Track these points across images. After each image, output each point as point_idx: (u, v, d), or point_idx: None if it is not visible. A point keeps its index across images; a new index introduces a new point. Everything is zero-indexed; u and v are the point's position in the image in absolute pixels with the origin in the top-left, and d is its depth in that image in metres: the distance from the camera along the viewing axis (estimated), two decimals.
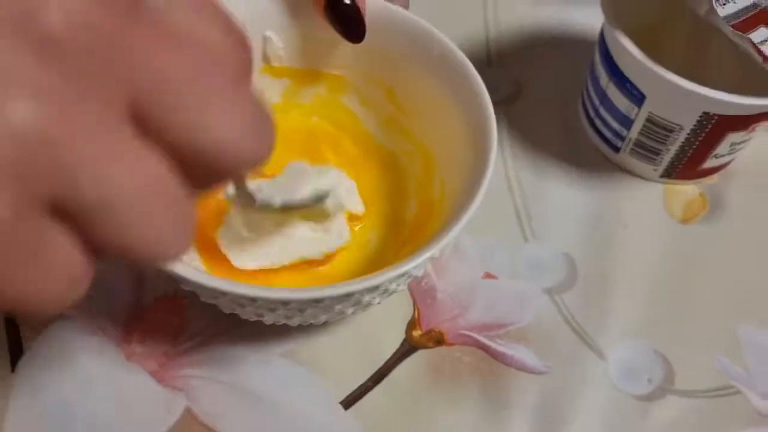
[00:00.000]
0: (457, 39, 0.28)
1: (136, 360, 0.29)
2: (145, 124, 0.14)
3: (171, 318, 0.30)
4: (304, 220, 0.29)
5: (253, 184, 0.26)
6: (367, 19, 0.29)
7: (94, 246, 0.14)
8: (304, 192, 0.27)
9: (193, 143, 0.15)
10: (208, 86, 0.15)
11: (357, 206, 0.31)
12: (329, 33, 0.30)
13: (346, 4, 0.28)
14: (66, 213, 0.14)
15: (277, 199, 0.26)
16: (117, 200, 0.14)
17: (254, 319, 0.27)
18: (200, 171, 0.15)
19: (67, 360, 0.29)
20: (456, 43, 0.30)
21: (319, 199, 0.27)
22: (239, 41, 0.16)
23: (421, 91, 0.31)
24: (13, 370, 0.29)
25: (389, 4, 0.30)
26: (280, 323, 0.28)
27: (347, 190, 0.31)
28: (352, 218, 0.31)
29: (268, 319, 0.27)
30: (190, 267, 0.24)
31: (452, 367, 0.30)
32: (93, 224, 0.14)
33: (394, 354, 0.30)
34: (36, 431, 0.27)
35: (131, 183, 0.14)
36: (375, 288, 0.26)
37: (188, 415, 0.28)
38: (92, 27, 0.13)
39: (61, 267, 0.14)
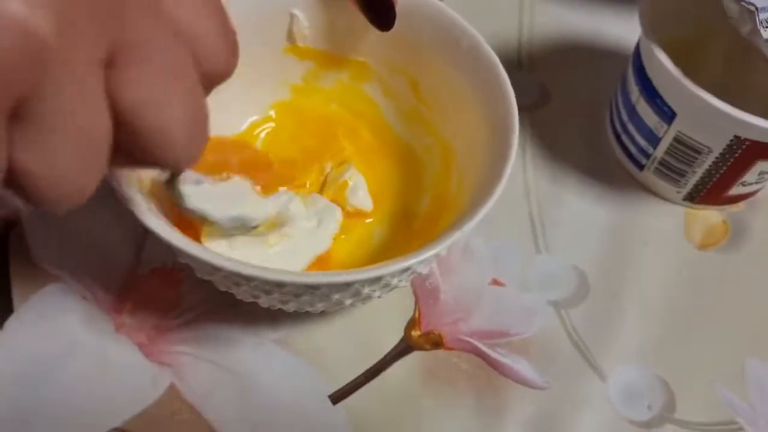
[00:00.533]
0: (490, 37, 0.28)
1: (126, 332, 0.29)
2: (108, 73, 0.15)
3: (165, 291, 0.30)
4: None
5: (197, 184, 0.24)
6: (398, 7, 0.28)
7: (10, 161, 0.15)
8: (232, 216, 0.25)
9: (139, 119, 0.16)
10: (171, 76, 0.16)
11: (365, 202, 0.30)
12: (357, 18, 0.29)
13: None
14: (12, 117, 0.14)
15: (212, 211, 0.24)
16: (58, 128, 0.15)
17: (249, 300, 0.26)
18: (131, 143, 0.16)
19: (56, 324, 0.28)
20: (487, 41, 0.29)
21: (240, 225, 0.25)
22: (230, 37, 0.18)
23: (446, 84, 0.30)
24: (1, 329, 0.28)
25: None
26: (276, 308, 0.27)
27: (354, 185, 0.30)
28: (359, 214, 0.30)
29: (264, 301, 0.26)
30: (187, 238, 0.23)
31: (448, 372, 0.29)
32: (23, 136, 0.15)
33: (390, 352, 0.30)
34: (17, 390, 0.27)
35: (80, 120, 0.15)
36: (376, 280, 0.25)
37: (172, 392, 0.27)
38: None
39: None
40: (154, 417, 0.27)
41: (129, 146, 0.17)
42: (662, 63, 0.30)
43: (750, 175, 0.32)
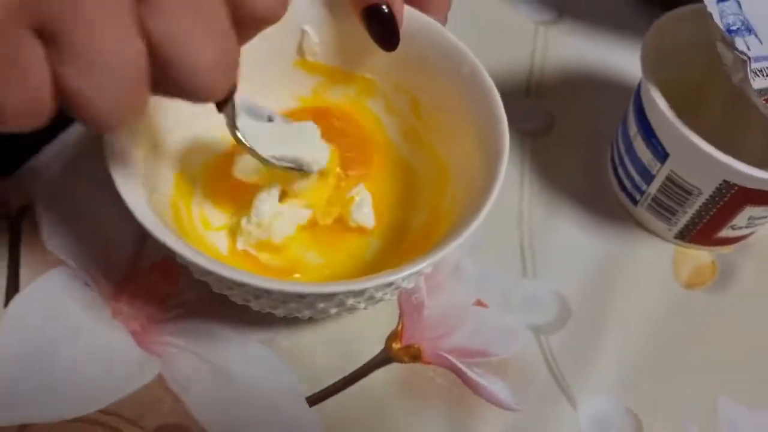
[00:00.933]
0: (501, 62, 0.28)
1: (122, 319, 0.30)
2: (142, 13, 0.17)
3: (163, 284, 0.31)
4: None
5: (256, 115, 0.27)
6: (402, 30, 0.29)
7: (59, 84, 0.17)
8: (288, 156, 0.28)
9: (169, 53, 0.18)
10: (201, 14, 0.18)
11: (367, 220, 0.31)
12: (364, 36, 0.30)
13: (384, 13, 0.29)
14: (52, 41, 0.16)
15: (261, 149, 0.27)
16: (95, 53, 0.17)
17: (241, 303, 0.28)
18: (162, 72, 0.18)
19: (57, 306, 0.30)
20: (499, 65, 0.29)
21: (299, 170, 0.29)
22: None
23: (445, 107, 0.31)
24: (5, 306, 0.30)
25: (428, 17, 0.31)
26: (266, 311, 0.28)
27: (360, 201, 0.31)
28: (360, 230, 0.31)
29: (254, 305, 0.28)
30: (183, 242, 0.25)
31: (423, 386, 0.30)
32: (65, 60, 0.16)
33: (370, 361, 0.31)
34: (15, 367, 0.28)
35: (115, 46, 0.17)
36: (360, 292, 0.26)
37: (159, 380, 0.29)
38: None
39: (31, 81, 0.16)
40: (139, 402, 0.28)
41: (161, 76, 0.18)
42: (658, 104, 0.30)
43: (739, 219, 0.32)
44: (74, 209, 0.33)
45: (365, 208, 0.31)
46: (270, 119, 0.28)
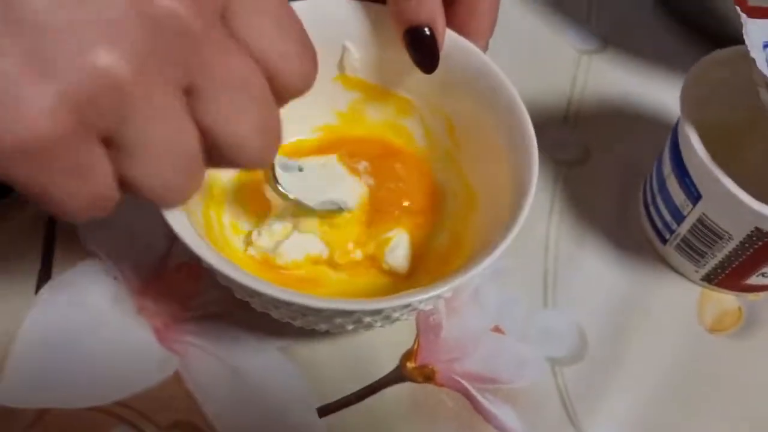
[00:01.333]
0: (541, 89, 0.28)
1: (146, 315, 0.31)
2: (190, 104, 0.19)
3: (188, 284, 0.32)
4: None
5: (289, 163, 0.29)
6: (442, 53, 0.30)
7: (122, 178, 0.19)
8: (324, 200, 0.28)
9: (218, 136, 0.20)
10: (242, 97, 0.19)
11: (401, 263, 0.31)
12: (405, 56, 0.30)
13: (426, 35, 0.29)
14: (113, 144, 0.18)
15: (296, 195, 0.29)
16: (152, 148, 0.18)
17: (261, 310, 0.28)
18: (216, 154, 0.20)
19: (85, 297, 0.31)
20: (538, 93, 0.30)
21: (335, 210, 0.29)
22: (307, 56, 0.21)
23: (479, 132, 0.31)
24: (36, 293, 0.31)
25: (471, 45, 0.31)
26: (285, 321, 0.29)
27: (395, 244, 0.31)
28: (391, 273, 0.31)
29: (274, 314, 0.28)
30: (209, 248, 0.25)
31: (433, 407, 0.30)
32: (126, 158, 0.18)
33: (383, 378, 0.31)
34: (40, 353, 0.29)
35: (169, 140, 0.18)
36: (377, 312, 0.27)
37: (176, 378, 0.30)
38: (182, 18, 0.18)
39: (97, 183, 0.18)
40: (154, 398, 0.29)
41: (213, 153, 0.20)
42: (693, 144, 0.30)
43: None
44: None
45: (399, 251, 0.31)
46: (300, 169, 0.30)
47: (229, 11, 0.19)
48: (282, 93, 0.21)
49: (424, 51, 0.29)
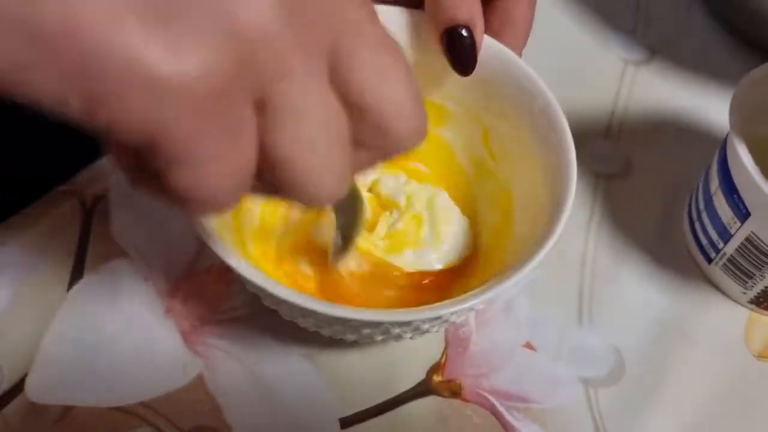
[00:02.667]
0: (583, 99, 0.27)
1: (174, 316, 0.31)
2: (334, 76, 0.17)
3: (217, 286, 0.32)
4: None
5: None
6: (479, 58, 0.29)
7: (269, 153, 0.16)
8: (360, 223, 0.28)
9: (371, 94, 0.17)
10: (390, 54, 0.18)
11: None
12: (439, 61, 0.30)
13: (464, 36, 0.28)
14: (263, 110, 0.16)
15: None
16: (304, 117, 0.16)
17: (289, 318, 0.28)
18: (367, 133, 0.17)
19: (115, 296, 0.31)
20: (580, 102, 0.29)
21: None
22: (421, 115, 0.19)
23: (515, 140, 0.31)
24: (68, 290, 0.31)
25: (509, 51, 0.30)
26: (312, 330, 0.28)
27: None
28: (426, 286, 0.31)
29: (301, 322, 0.28)
30: (237, 256, 0.25)
31: (459, 424, 0.29)
32: (277, 127, 0.16)
33: (408, 391, 0.30)
34: (68, 350, 0.30)
35: (320, 109, 0.16)
36: (406, 323, 0.26)
37: (199, 381, 0.29)
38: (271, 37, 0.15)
39: (241, 152, 0.16)
40: (178, 401, 0.29)
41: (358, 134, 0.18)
42: (743, 159, 0.29)
43: None
44: (145, 204, 0.34)
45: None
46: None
47: (344, 50, 0.17)
48: (383, 149, 0.19)
49: (462, 52, 0.29)
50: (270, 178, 0.17)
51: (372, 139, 0.18)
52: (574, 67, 0.41)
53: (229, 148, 0.15)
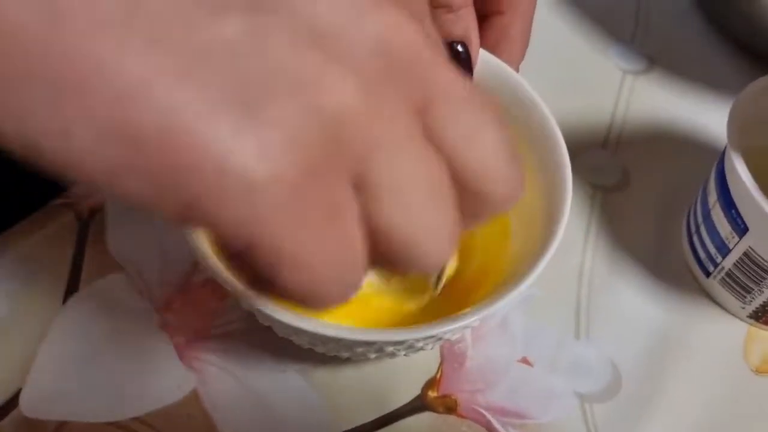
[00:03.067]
0: (580, 110, 0.27)
1: (168, 330, 0.31)
2: (428, 132, 0.15)
3: (212, 301, 0.32)
4: None
5: None
6: (478, 71, 0.29)
7: (376, 229, 0.15)
8: None
9: (464, 155, 0.16)
10: (482, 114, 0.16)
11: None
12: None
13: (459, 52, 0.28)
14: (360, 188, 0.14)
15: None
16: (406, 185, 0.15)
17: (283, 335, 0.28)
18: (465, 189, 0.16)
19: (109, 310, 0.31)
20: (577, 113, 0.29)
21: None
22: (518, 180, 0.17)
23: None
24: (63, 303, 0.31)
25: (502, 63, 0.30)
26: (306, 347, 0.28)
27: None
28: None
29: (295, 340, 0.28)
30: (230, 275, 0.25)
31: None
32: (379, 198, 0.14)
33: (403, 407, 0.30)
34: (62, 364, 0.30)
35: (420, 172, 0.15)
36: (400, 342, 0.26)
37: (193, 396, 0.29)
38: (411, 45, 0.15)
39: (343, 232, 0.14)
40: (171, 416, 0.29)
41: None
42: (740, 174, 0.28)
43: None
44: (141, 219, 0.34)
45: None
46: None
47: (434, 111, 0.15)
48: (484, 207, 0.17)
49: (457, 67, 0.29)
50: (383, 254, 0.15)
51: (465, 203, 0.16)
52: (571, 76, 0.40)
53: (333, 236, 0.14)
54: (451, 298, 0.30)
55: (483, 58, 0.29)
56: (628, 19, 0.44)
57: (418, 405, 0.30)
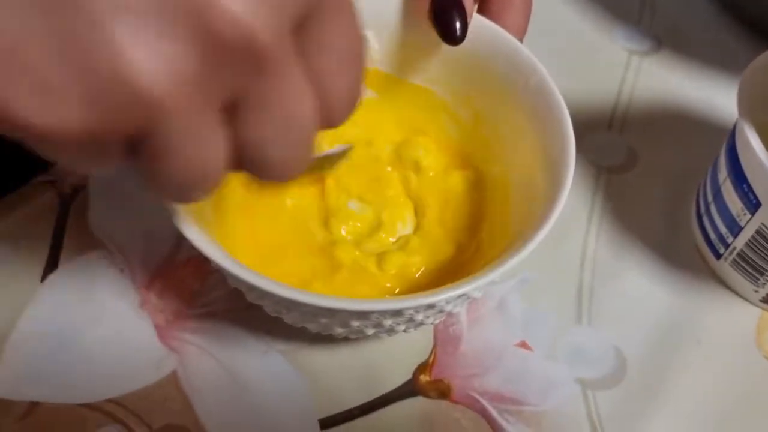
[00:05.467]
0: (586, 90, 0.26)
1: (149, 310, 0.30)
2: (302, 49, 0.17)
3: (195, 280, 0.31)
4: None
5: None
6: (471, 33, 0.27)
7: (241, 143, 0.17)
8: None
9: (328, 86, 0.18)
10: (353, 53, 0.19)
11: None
12: (427, 42, 0.28)
13: (452, 3, 0.27)
14: (233, 109, 0.17)
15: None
16: (280, 109, 0.17)
17: (274, 315, 0.26)
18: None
19: (89, 288, 0.30)
20: (583, 93, 0.27)
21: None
22: (357, 95, 0.19)
23: (508, 121, 0.29)
24: (42, 281, 0.30)
25: (495, 25, 0.29)
26: (299, 326, 0.27)
27: None
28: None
29: (287, 318, 0.26)
30: (219, 249, 0.23)
31: (446, 426, 0.27)
32: (250, 119, 0.17)
33: (394, 391, 0.28)
34: (39, 343, 0.28)
35: (296, 102, 0.17)
36: (398, 312, 0.24)
37: (172, 378, 0.28)
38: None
39: (206, 154, 0.17)
40: (149, 397, 0.27)
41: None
42: (753, 146, 0.27)
43: None
44: (124, 196, 0.32)
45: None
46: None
47: (311, 26, 0.17)
48: (325, 124, 0.19)
49: (450, 20, 0.27)
50: (241, 160, 0.18)
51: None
52: (577, 57, 0.39)
53: (193, 147, 0.16)
54: (452, 276, 0.29)
55: (481, 24, 0.28)
56: (635, 0, 0.42)
57: (409, 389, 0.28)
